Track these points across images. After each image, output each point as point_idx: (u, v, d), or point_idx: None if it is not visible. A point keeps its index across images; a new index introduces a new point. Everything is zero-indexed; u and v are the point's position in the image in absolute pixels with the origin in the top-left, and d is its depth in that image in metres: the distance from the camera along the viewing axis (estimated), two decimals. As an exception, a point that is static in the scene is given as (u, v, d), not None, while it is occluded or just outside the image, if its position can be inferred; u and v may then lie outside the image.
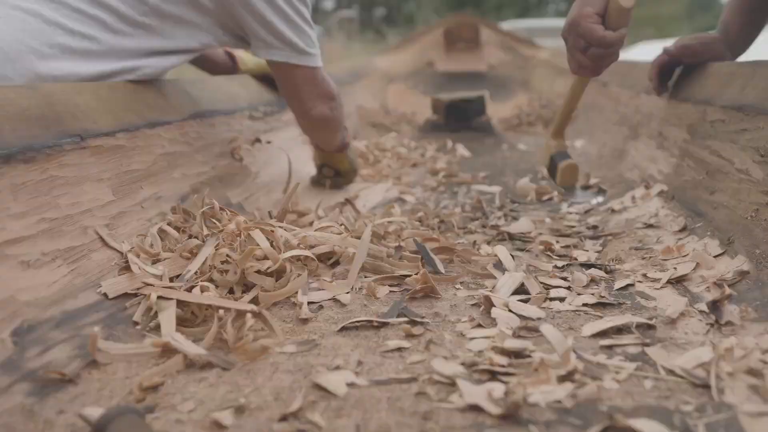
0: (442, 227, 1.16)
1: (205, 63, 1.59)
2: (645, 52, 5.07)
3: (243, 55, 1.63)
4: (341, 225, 1.00)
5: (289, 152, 1.55)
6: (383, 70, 3.38)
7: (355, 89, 2.71)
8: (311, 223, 1.17)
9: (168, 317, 0.69)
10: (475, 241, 1.05)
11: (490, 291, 0.80)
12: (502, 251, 0.91)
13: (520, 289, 0.81)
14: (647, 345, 0.64)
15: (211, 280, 0.79)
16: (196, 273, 0.80)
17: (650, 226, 1.06)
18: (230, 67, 1.62)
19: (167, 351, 0.65)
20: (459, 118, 2.24)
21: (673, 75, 1.38)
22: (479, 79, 3.60)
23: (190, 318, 0.73)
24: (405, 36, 4.17)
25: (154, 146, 1.00)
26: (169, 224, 0.91)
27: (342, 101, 1.34)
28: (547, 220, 1.20)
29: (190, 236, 0.89)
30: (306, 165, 1.61)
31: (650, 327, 0.69)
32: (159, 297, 0.73)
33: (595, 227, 1.14)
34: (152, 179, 0.97)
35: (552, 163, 1.29)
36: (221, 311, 0.71)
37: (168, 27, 1.09)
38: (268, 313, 0.72)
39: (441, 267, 0.92)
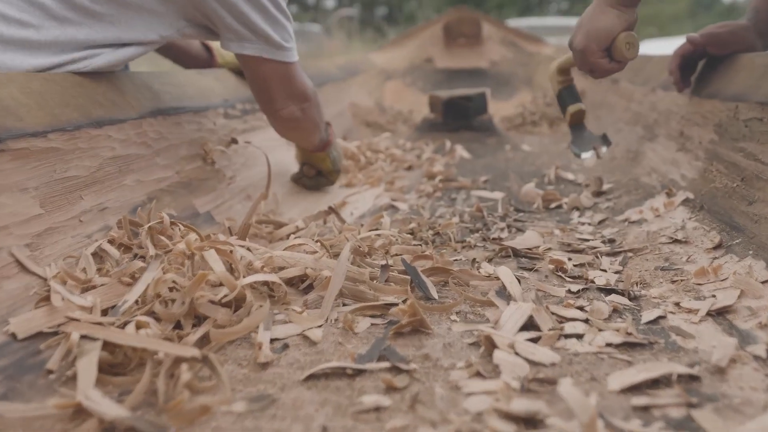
0: (437, 241, 1.02)
1: (179, 55, 1.45)
2: (649, 49, 4.93)
3: (221, 48, 1.49)
4: (317, 241, 0.85)
5: (271, 153, 1.41)
6: (380, 66, 3.23)
7: (350, 86, 2.56)
8: (289, 236, 1.03)
9: (88, 365, 0.55)
10: (474, 259, 0.90)
11: (493, 327, 0.65)
12: (506, 274, 0.77)
13: (529, 322, 0.67)
14: (694, 406, 0.50)
15: (152, 313, 0.65)
16: (136, 303, 0.66)
17: (677, 241, 0.92)
18: (207, 60, 1.48)
19: (80, 413, 0.51)
20: (458, 117, 2.09)
21: (696, 68, 1.24)
22: (480, 75, 3.45)
23: (122, 362, 0.59)
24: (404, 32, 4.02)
25: (100, 148, 0.86)
26: (111, 242, 0.76)
27: (319, 100, 1.24)
28: (556, 232, 1.06)
29: (136, 257, 0.75)
30: (292, 167, 1.47)
31: (693, 378, 0.55)
32: (82, 336, 0.59)
33: (612, 241, 0.99)
34: (96, 188, 0.83)
35: (560, 99, 1.31)
36: (159, 355, 0.57)
37: (124, 16, 0.95)
38: (216, 358, 0.58)
39: (434, 292, 0.78)
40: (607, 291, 0.78)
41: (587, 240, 1.00)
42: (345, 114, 2.31)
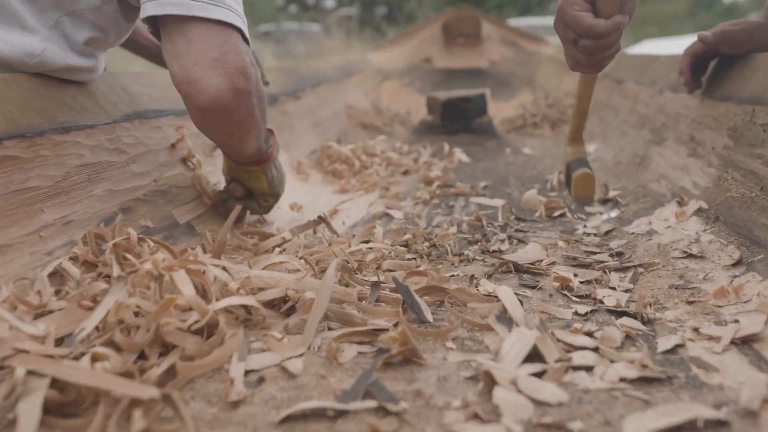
0: (433, 254, 0.95)
1: (162, 56, 1.37)
2: (649, 49, 4.86)
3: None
4: (301, 258, 0.79)
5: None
6: (377, 66, 3.16)
7: (345, 87, 2.50)
8: (275, 248, 0.96)
9: (30, 408, 0.48)
10: (473, 276, 0.84)
11: (493, 358, 0.59)
12: (507, 295, 0.70)
13: (533, 352, 0.60)
14: (725, 461, 0.44)
15: (113, 342, 0.58)
16: (97, 330, 0.59)
17: (691, 255, 0.85)
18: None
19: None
20: (457, 119, 2.02)
21: (707, 68, 1.18)
22: (480, 76, 3.38)
23: (75, 400, 0.53)
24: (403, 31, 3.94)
25: (66, 156, 0.79)
26: (73, 259, 0.70)
27: (262, 93, 0.92)
28: (560, 243, 0.99)
29: (100, 276, 0.68)
30: (288, 172, 1.40)
31: (721, 424, 0.48)
32: (29, 372, 0.52)
33: (620, 254, 0.92)
34: (60, 199, 0.76)
35: (567, 172, 1.10)
36: (114, 393, 0.50)
37: None
38: (180, 396, 0.51)
39: (428, 314, 0.71)
40: (618, 313, 0.71)
41: (594, 253, 0.93)
42: (340, 116, 2.24)
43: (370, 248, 0.90)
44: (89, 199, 0.81)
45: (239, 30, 0.85)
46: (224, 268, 0.68)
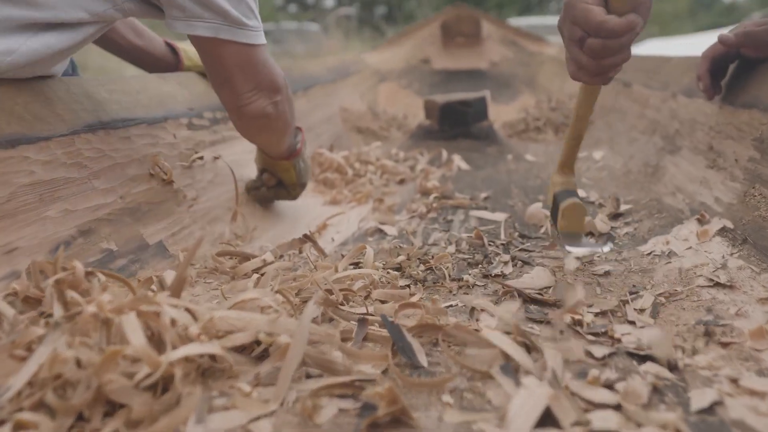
0: (429, 279, 0.86)
1: (141, 57, 1.28)
2: (649, 49, 4.77)
3: (188, 48, 1.33)
4: (277, 292, 0.69)
5: (247, 167, 1.25)
6: (374, 67, 3.07)
7: (340, 89, 2.40)
8: (255, 272, 0.87)
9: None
10: (473, 308, 0.74)
11: (499, 424, 0.49)
12: (511, 347, 0.60)
13: (545, 412, 0.51)
14: None
15: (44, 404, 0.49)
16: (30, 386, 0.50)
17: (719, 284, 0.76)
18: (173, 63, 1.32)
19: None
20: (456, 124, 1.93)
21: (726, 72, 1.08)
22: (480, 77, 3.29)
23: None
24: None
25: (12, 174, 0.70)
26: (13, 295, 0.60)
27: (290, 95, 1.04)
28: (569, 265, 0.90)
29: (42, 316, 0.59)
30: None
31: None
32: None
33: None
34: (4, 223, 0.67)
35: (554, 204, 0.95)
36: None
37: None
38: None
39: (422, 357, 0.62)
40: (641, 357, 0.61)
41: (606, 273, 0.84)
42: (334, 119, 2.15)
43: (359, 273, 0.81)
44: (40, 221, 0.72)
45: (263, 44, 0.93)
46: (187, 309, 0.59)
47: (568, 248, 0.92)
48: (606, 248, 0.92)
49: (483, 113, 1.97)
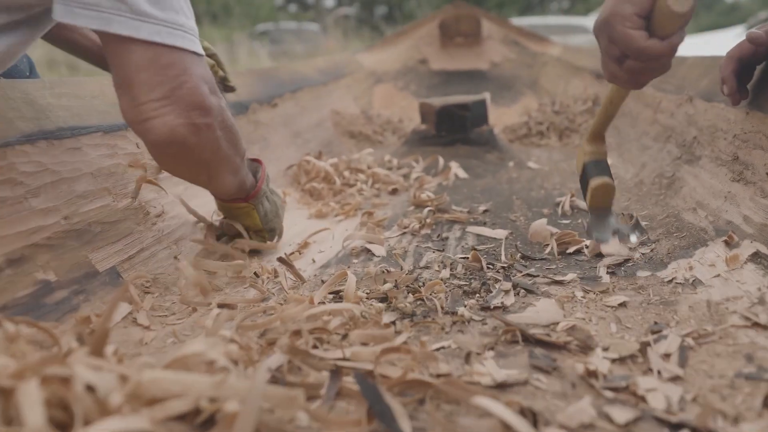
0: (418, 312, 0.74)
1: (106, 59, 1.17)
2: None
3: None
4: (231, 341, 0.58)
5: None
6: (369, 68, 2.95)
7: (331, 91, 2.29)
8: (219, 306, 0.76)
9: None
10: (469, 353, 0.63)
11: None
12: (511, 417, 0.49)
13: None
14: None
15: None
16: None
17: (758, 325, 0.65)
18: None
19: None
20: (453, 129, 1.81)
21: (752, 74, 0.97)
22: (480, 78, 3.17)
23: None
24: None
25: None
26: None
27: (231, 125, 0.82)
28: (579, 295, 0.78)
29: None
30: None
31: None
32: None
33: (658, 314, 0.72)
34: None
35: (584, 175, 0.97)
36: None
37: None
38: None
39: (404, 424, 0.50)
40: (672, 426, 0.50)
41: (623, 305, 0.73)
42: (325, 124, 2.03)
43: (336, 309, 0.69)
44: (-45, 252, 0.60)
45: (190, 50, 0.73)
46: (111, 371, 0.47)
47: (597, 240, 0.93)
48: (633, 238, 0.92)
49: (482, 117, 1.85)
